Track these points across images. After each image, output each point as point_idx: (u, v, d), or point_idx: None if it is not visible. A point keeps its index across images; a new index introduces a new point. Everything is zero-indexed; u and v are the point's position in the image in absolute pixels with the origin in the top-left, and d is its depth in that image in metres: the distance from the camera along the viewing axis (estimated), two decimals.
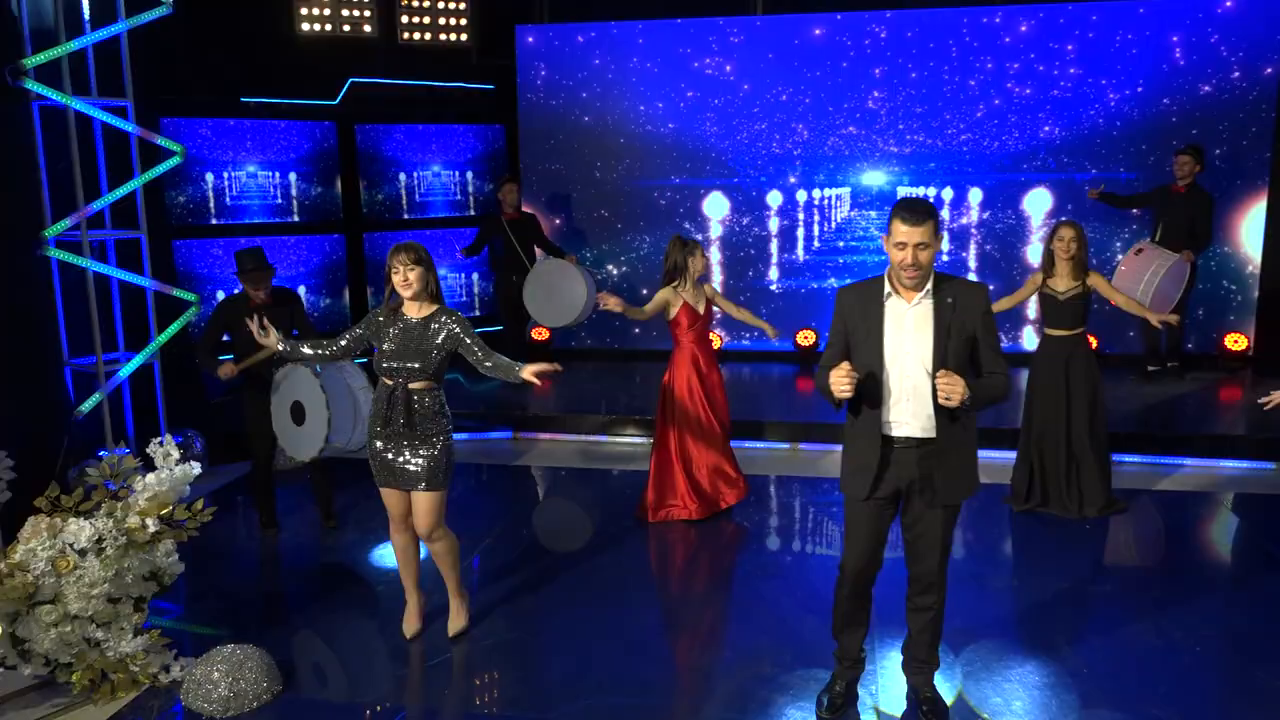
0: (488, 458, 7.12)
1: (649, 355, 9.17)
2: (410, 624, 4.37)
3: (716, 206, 9.28)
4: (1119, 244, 8.58)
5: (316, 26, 8.59)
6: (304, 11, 8.53)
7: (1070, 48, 8.51)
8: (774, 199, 9.19)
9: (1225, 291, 8.56)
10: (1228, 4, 8.23)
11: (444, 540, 4.18)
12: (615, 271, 9.45)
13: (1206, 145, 8.09)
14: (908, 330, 3.34)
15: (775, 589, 4.90)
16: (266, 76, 8.27)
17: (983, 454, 3.65)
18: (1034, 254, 8.73)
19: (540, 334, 9.37)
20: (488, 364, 4.05)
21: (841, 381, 3.21)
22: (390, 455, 4.05)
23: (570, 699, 3.88)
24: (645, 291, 9.23)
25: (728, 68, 9.00)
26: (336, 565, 5.33)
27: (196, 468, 4.01)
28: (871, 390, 3.35)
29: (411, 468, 4.03)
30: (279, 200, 8.32)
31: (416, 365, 3.98)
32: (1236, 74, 8.28)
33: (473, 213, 9.36)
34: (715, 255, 9.32)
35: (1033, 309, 8.29)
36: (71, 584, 3.70)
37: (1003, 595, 4.82)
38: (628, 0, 9.29)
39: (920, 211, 3.24)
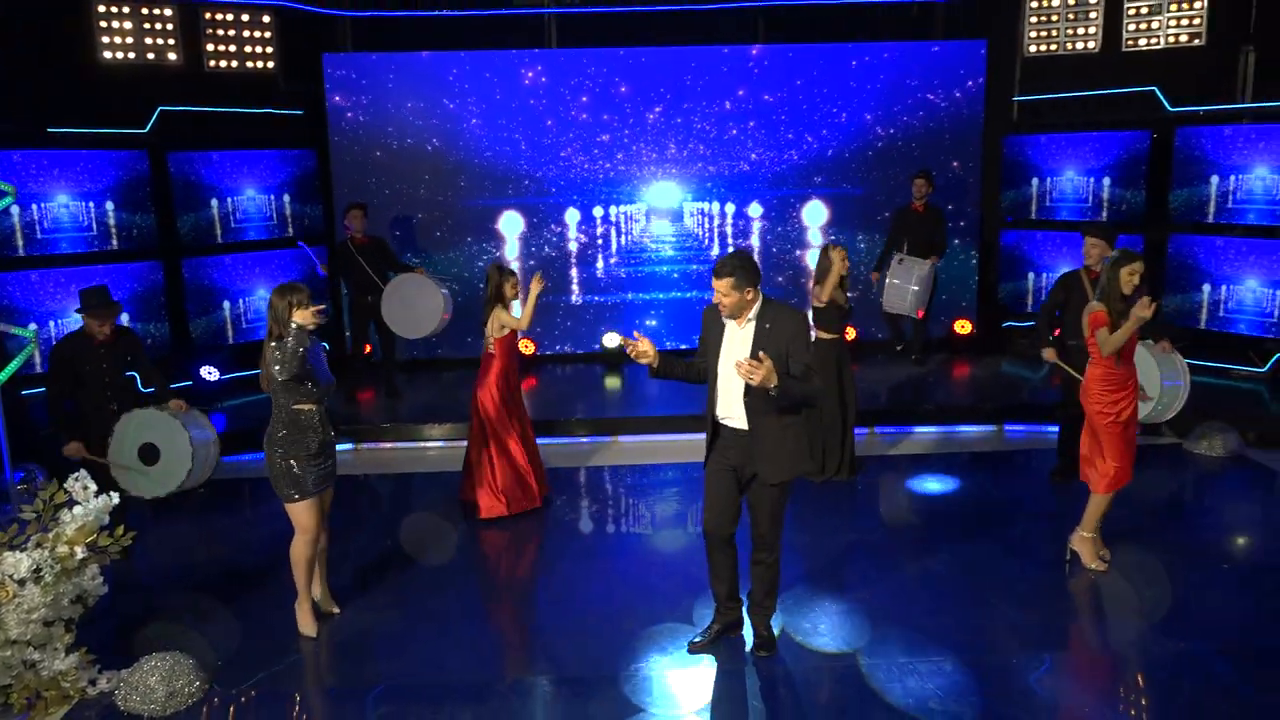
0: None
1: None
2: (313, 625, 4.96)
3: (523, 224, 10.08)
4: (864, 258, 10.14)
5: (120, 55, 8.63)
6: (106, 40, 8.56)
7: (803, 80, 9.97)
8: (575, 216, 10.11)
9: (954, 286, 10.32)
10: (934, 49, 9.95)
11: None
12: None
13: (924, 165, 9.74)
14: (736, 345, 4.37)
15: (626, 562, 5.83)
16: (73, 106, 8.26)
17: None
18: (792, 257, 10.18)
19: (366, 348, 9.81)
20: None
21: (641, 356, 4.25)
22: (323, 462, 4.72)
23: (461, 674, 4.64)
24: (460, 297, 9.93)
25: (543, 80, 9.82)
26: (189, 581, 5.74)
27: (116, 497, 4.43)
28: (710, 386, 4.44)
29: (332, 464, 4.76)
30: (93, 230, 8.34)
31: (334, 382, 4.64)
32: (944, 104, 10.01)
33: (290, 234, 9.63)
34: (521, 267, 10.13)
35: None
36: (11, 612, 4.06)
37: (802, 548, 5.96)
38: (428, 31, 9.90)
39: (720, 271, 4.29)
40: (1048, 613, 5.06)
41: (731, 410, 4.39)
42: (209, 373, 8.96)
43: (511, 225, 10.09)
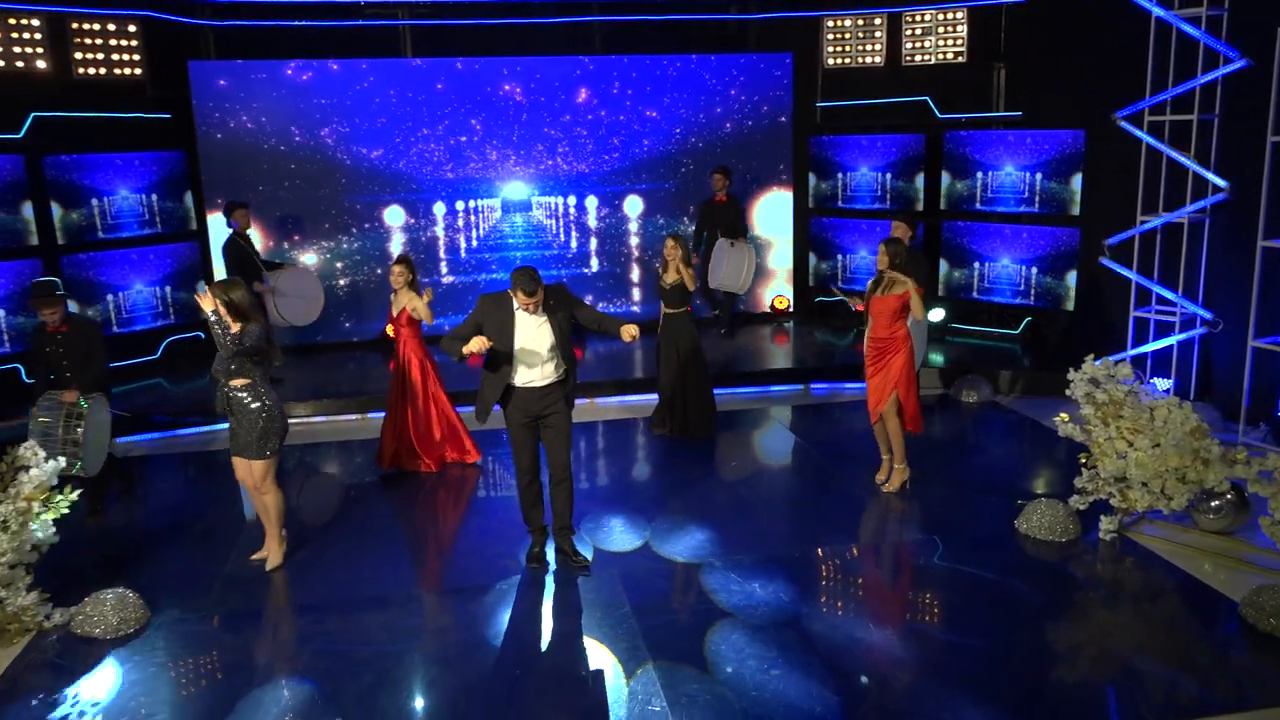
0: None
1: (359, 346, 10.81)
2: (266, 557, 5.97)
3: (391, 218, 11.01)
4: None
5: None
6: None
7: (633, 90, 11.29)
8: (441, 210, 11.11)
9: (774, 267, 11.86)
10: (749, 61, 11.42)
11: (270, 494, 5.79)
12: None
13: (733, 162, 11.21)
14: (532, 329, 5.50)
15: (491, 505, 6.99)
16: None
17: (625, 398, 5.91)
18: (622, 243, 11.50)
19: None
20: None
21: (475, 348, 5.27)
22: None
23: (364, 592, 5.71)
24: (344, 288, 10.76)
25: (396, 88, 10.74)
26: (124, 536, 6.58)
27: (63, 461, 5.27)
28: (503, 360, 5.48)
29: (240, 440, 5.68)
30: None
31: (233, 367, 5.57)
32: (758, 108, 11.50)
33: (159, 231, 10.24)
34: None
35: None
36: None
37: (639, 485, 7.24)
38: (288, 41, 10.66)
39: (536, 284, 5.33)
40: (837, 520, 6.53)
41: (536, 375, 5.53)
42: None
43: (384, 219, 10.99)
